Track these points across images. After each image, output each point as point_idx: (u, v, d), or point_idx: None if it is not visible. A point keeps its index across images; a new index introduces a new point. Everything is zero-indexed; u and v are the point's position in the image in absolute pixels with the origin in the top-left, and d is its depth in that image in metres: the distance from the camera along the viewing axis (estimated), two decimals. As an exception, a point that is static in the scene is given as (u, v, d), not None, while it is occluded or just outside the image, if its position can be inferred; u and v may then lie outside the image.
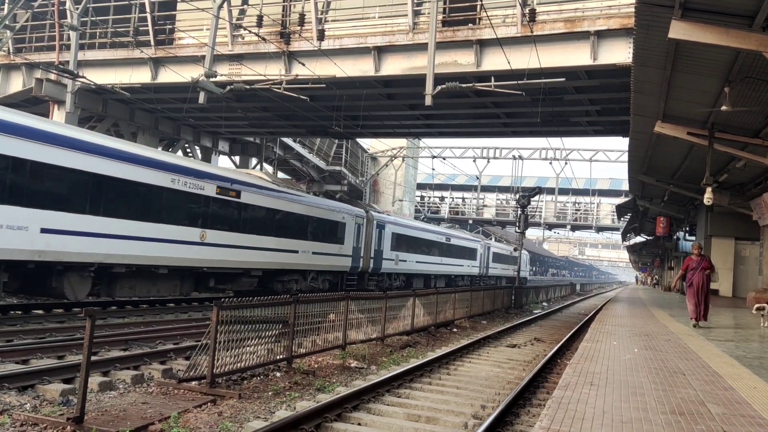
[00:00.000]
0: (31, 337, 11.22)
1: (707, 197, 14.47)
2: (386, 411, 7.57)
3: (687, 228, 31.48)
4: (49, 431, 6.17)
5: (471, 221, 57.17)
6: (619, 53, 16.33)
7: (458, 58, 18.32)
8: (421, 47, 17.92)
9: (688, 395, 5.97)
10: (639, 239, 51.99)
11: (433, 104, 15.95)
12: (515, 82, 15.72)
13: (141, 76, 22.32)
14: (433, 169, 47.97)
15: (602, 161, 49.72)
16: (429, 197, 60.95)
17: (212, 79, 17.55)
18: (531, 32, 16.63)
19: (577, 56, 16.98)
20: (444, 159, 45.16)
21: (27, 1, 22.87)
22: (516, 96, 16.76)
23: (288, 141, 35.55)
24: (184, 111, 25.25)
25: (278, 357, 9.44)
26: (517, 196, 33.18)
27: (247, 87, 18.12)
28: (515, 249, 43.41)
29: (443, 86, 15.76)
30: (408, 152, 45.96)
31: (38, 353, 9.59)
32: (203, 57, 18.76)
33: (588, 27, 16.56)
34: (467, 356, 12.41)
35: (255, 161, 35.22)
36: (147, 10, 22.03)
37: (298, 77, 18.30)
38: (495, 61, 17.69)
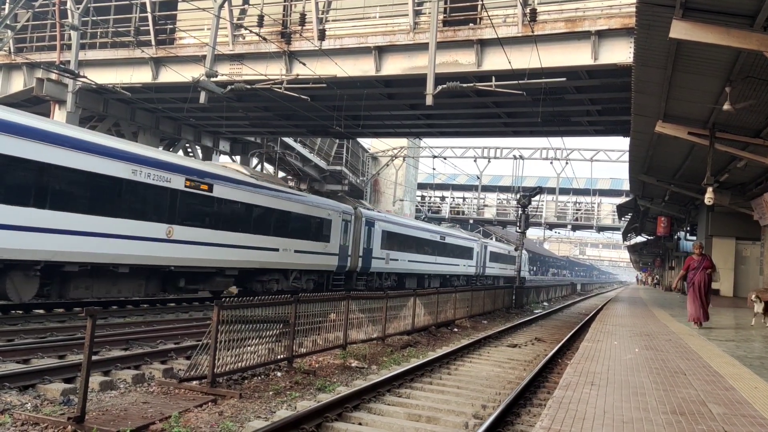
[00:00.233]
0: (32, 337, 11.24)
1: (708, 197, 14.46)
2: (387, 411, 7.57)
3: (688, 228, 31.46)
4: (50, 431, 6.17)
5: (472, 221, 57.17)
6: (620, 53, 16.32)
7: (459, 58, 18.31)
8: (422, 47, 17.93)
9: (689, 395, 5.97)
10: (640, 239, 51.98)
11: (434, 104, 15.96)
12: (516, 82, 15.72)
13: (142, 76, 22.33)
14: (434, 169, 47.92)
15: (603, 161, 49.77)
16: (430, 197, 60.94)
17: (213, 79, 17.56)
18: (532, 32, 16.62)
19: (578, 56, 16.97)
20: (445, 159, 45.17)
21: (28, 1, 22.88)
22: (517, 96, 16.75)
23: (289, 141, 35.56)
24: (185, 111, 25.25)
25: (279, 357, 9.44)
26: (518, 196, 33.06)
27: (248, 87, 18.13)
28: (516, 248, 43.40)
29: (444, 86, 15.76)
30: (409, 152, 45.96)
31: (39, 353, 9.60)
32: (204, 57, 18.77)
33: (589, 27, 16.56)
34: (468, 356, 12.41)
35: (256, 161, 35.23)
36: (148, 10, 22.03)
37: (299, 77, 18.30)
38: (496, 61, 17.68)
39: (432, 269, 35.79)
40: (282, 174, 37.71)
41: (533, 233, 79.15)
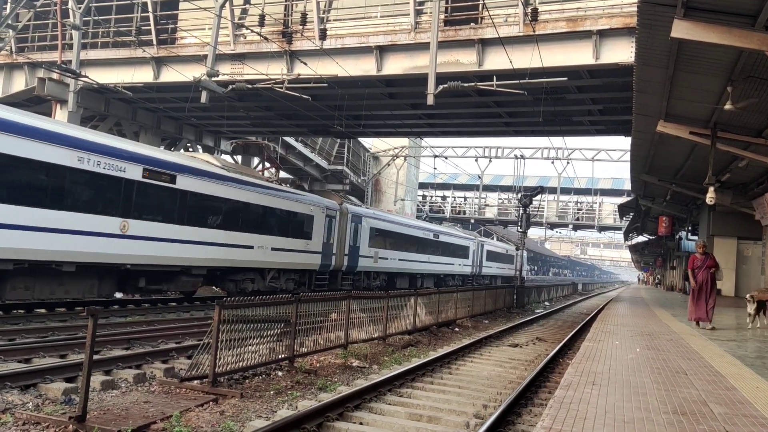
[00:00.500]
0: (34, 336, 11.24)
1: (710, 197, 14.44)
2: (388, 410, 7.57)
3: (689, 228, 31.43)
4: (52, 430, 6.18)
5: (473, 221, 57.15)
6: (622, 52, 16.31)
7: (460, 58, 18.31)
8: (423, 46, 17.93)
9: (691, 395, 5.96)
10: (641, 239, 51.96)
11: (435, 103, 15.98)
12: (517, 82, 15.71)
13: (143, 76, 22.36)
14: (435, 169, 47.85)
15: (604, 161, 49.74)
16: (431, 197, 60.92)
17: (214, 79, 17.59)
18: (533, 31, 16.62)
19: (580, 55, 16.96)
20: (446, 158, 45.26)
21: (29, 1, 22.92)
22: (518, 95, 16.75)
23: (290, 140, 35.57)
24: (187, 110, 25.27)
25: (280, 356, 9.45)
26: (519, 196, 33.00)
27: (249, 86, 18.16)
28: (517, 248, 43.27)
29: (445, 85, 15.77)
30: (410, 151, 45.95)
31: (40, 352, 9.61)
32: (205, 56, 18.79)
33: (590, 26, 16.55)
34: (469, 356, 12.40)
35: (257, 160, 35.24)
36: (149, 10, 22.06)
37: (300, 77, 18.31)
38: (497, 61, 17.68)
39: (425, 268, 34.53)
40: (284, 174, 37.73)
41: (534, 233, 79.14)
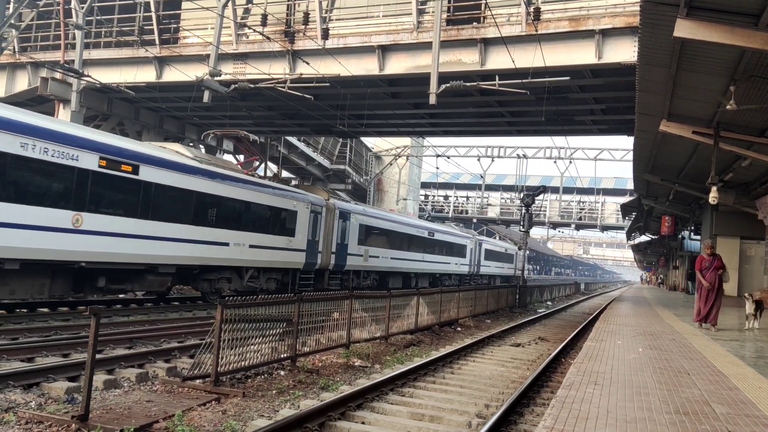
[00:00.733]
0: (37, 336, 11.27)
1: (712, 196, 14.41)
2: (390, 410, 7.57)
3: (692, 227, 31.40)
4: (54, 429, 6.19)
5: (475, 220, 57.15)
6: (624, 52, 16.30)
7: (463, 57, 18.31)
8: (426, 46, 17.93)
9: (693, 395, 5.96)
10: (644, 238, 51.88)
11: (438, 103, 15.96)
12: (520, 81, 15.70)
13: (146, 75, 22.40)
14: (438, 168, 47.82)
15: (607, 160, 49.66)
16: (433, 196, 60.93)
17: (217, 78, 17.61)
18: (535, 31, 16.61)
19: (582, 55, 16.95)
20: (448, 158, 45.14)
21: (32, 0, 22.96)
22: (520, 95, 16.73)
23: (292, 140, 35.60)
24: (189, 110, 25.30)
25: (282, 356, 9.46)
26: (522, 195, 32.93)
27: (252, 86, 18.17)
28: (520, 248, 43.15)
29: (447, 85, 15.76)
30: (412, 151, 45.96)
31: (43, 351, 9.63)
32: (208, 56, 18.81)
33: (593, 26, 16.54)
34: (471, 355, 12.40)
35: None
36: (152, 9, 22.10)
37: (303, 76, 18.33)
38: (499, 60, 17.68)
39: (419, 267, 33.20)
40: (286, 173, 37.77)
41: (537, 232, 79.05)
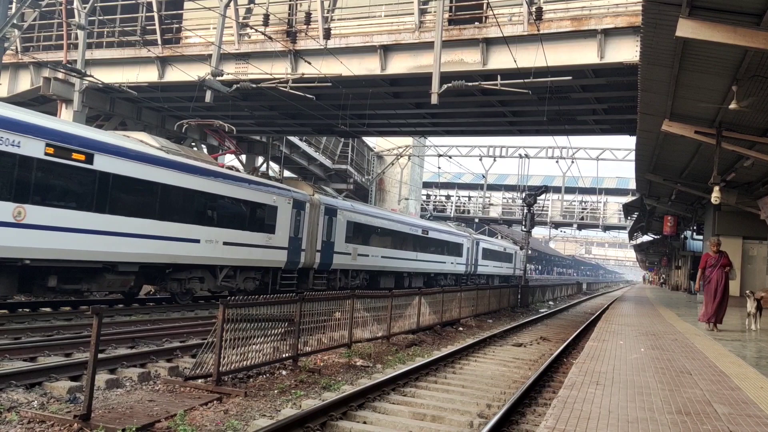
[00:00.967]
0: (39, 335, 11.29)
1: (715, 196, 14.37)
2: (392, 409, 7.57)
3: (694, 227, 31.32)
4: (57, 428, 6.20)
5: (477, 220, 57.15)
6: (626, 51, 16.28)
7: (464, 57, 18.30)
8: (428, 46, 17.93)
9: (695, 395, 5.95)
10: (646, 238, 51.81)
11: (440, 103, 15.98)
12: (522, 81, 15.69)
13: (148, 75, 22.42)
14: (439, 168, 47.79)
15: (609, 160, 49.61)
16: (435, 196, 60.93)
17: (219, 78, 17.63)
18: (537, 30, 16.60)
19: (584, 54, 16.93)
20: (450, 157, 45.15)
21: (35, 0, 23.00)
22: (522, 94, 16.73)
23: (294, 140, 35.62)
24: (191, 110, 25.33)
25: (284, 355, 9.46)
26: (524, 195, 32.90)
27: (254, 86, 18.20)
28: (522, 248, 43.08)
29: (449, 85, 15.76)
30: (414, 151, 45.95)
31: (46, 351, 9.65)
32: (210, 56, 18.83)
33: (595, 25, 16.52)
34: (473, 355, 12.40)
35: (261, 159, 35.31)
36: (154, 9, 22.13)
37: (305, 76, 18.34)
38: (501, 60, 17.66)
39: (413, 267, 32.11)
40: (288, 173, 37.79)
41: (539, 232, 79.08)
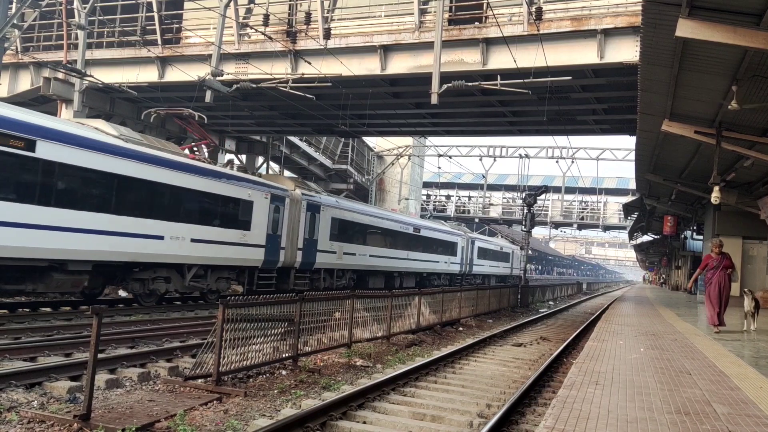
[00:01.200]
0: (39, 335, 11.30)
1: (715, 196, 14.37)
2: (391, 409, 7.58)
3: (694, 227, 31.33)
4: (57, 428, 6.20)
5: (477, 220, 57.16)
6: (626, 51, 16.28)
7: (464, 57, 18.30)
8: (428, 46, 17.93)
9: (694, 395, 5.95)
10: (646, 238, 51.82)
11: (440, 103, 15.98)
12: (521, 81, 15.69)
13: (148, 75, 22.42)
14: (439, 168, 47.79)
15: (609, 160, 49.60)
16: (435, 196, 60.95)
17: (219, 78, 17.63)
18: (537, 31, 16.60)
19: (584, 54, 16.93)
20: (450, 157, 45.17)
21: (35, 1, 23.01)
22: (522, 94, 16.73)
23: (294, 140, 35.62)
24: (191, 110, 25.31)
25: (284, 355, 9.47)
26: (524, 195, 32.89)
27: (254, 86, 18.20)
28: (522, 248, 43.03)
29: (449, 85, 15.76)
30: (414, 151, 45.96)
31: (46, 351, 9.65)
32: (210, 56, 18.83)
33: (595, 25, 16.52)
34: (473, 355, 12.41)
35: (261, 159, 35.33)
36: (154, 9, 22.13)
37: (305, 76, 18.34)
38: (501, 60, 17.67)
39: (404, 266, 31.08)
40: (288, 173, 37.80)
41: (539, 232, 79.08)
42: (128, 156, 15.06)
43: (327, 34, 19.51)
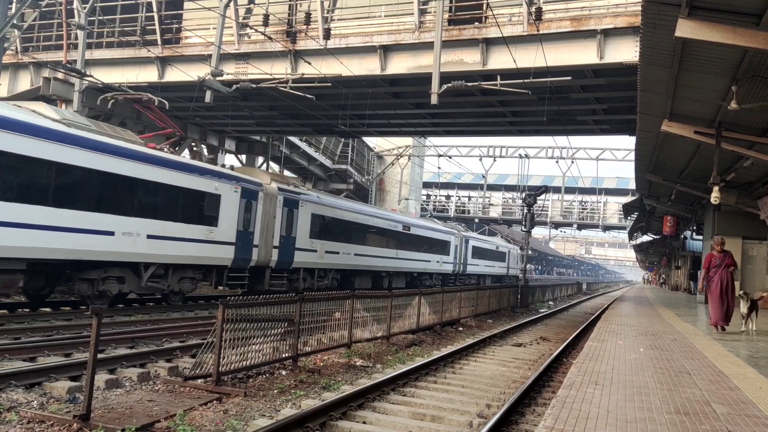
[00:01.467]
0: (39, 335, 11.30)
1: (714, 196, 14.37)
2: (391, 409, 7.58)
3: (694, 227, 31.33)
4: (56, 428, 6.21)
5: (477, 220, 57.17)
6: (626, 52, 16.28)
7: (464, 57, 18.30)
8: (427, 46, 17.94)
9: (694, 395, 5.96)
10: (646, 238, 51.83)
11: (439, 103, 15.98)
12: (521, 81, 15.70)
13: (148, 75, 22.43)
14: (439, 168, 47.76)
15: (609, 160, 49.61)
16: (435, 196, 60.96)
17: (219, 78, 17.63)
18: (537, 31, 16.60)
19: (584, 55, 16.94)
20: (450, 158, 45.17)
21: (35, 1, 23.01)
22: (522, 95, 16.74)
23: (294, 140, 35.63)
24: (191, 110, 25.32)
25: (284, 355, 9.47)
26: (524, 195, 32.87)
27: (254, 86, 18.19)
28: (522, 248, 42.99)
29: (449, 85, 15.77)
30: (414, 151, 45.97)
31: (45, 351, 9.66)
32: (210, 56, 18.82)
33: (594, 25, 16.53)
34: (473, 355, 12.41)
35: (261, 159, 35.34)
36: (154, 9, 22.14)
37: (304, 76, 18.34)
38: (501, 60, 17.67)
39: (392, 265, 29.84)
40: (288, 173, 37.80)
41: (539, 232, 79.08)
42: (71, 142, 13.51)
43: (327, 34, 19.51)
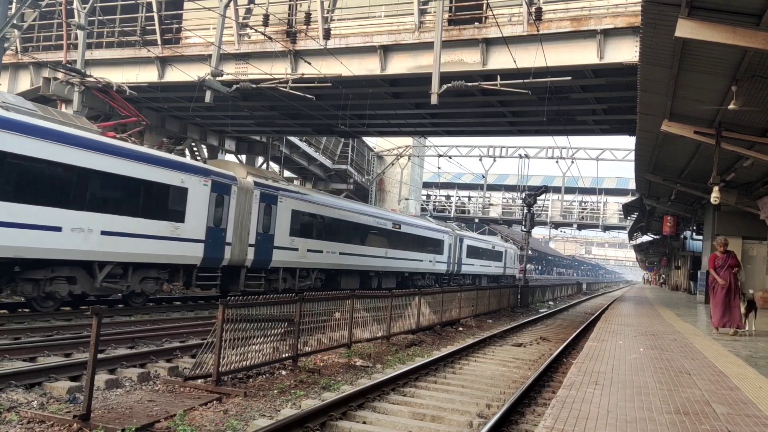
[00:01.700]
0: (39, 335, 11.31)
1: (714, 196, 14.37)
2: (391, 410, 7.58)
3: (694, 227, 31.34)
4: (56, 428, 6.21)
5: (477, 220, 57.18)
6: (626, 52, 16.29)
7: (464, 57, 18.30)
8: (427, 46, 17.94)
9: (693, 395, 5.96)
10: (646, 238, 51.84)
11: (439, 103, 15.98)
12: (521, 81, 15.71)
13: (148, 75, 22.43)
14: (439, 168, 47.73)
15: (609, 160, 49.59)
16: (435, 196, 60.96)
17: (219, 78, 17.63)
18: (537, 31, 16.60)
19: (584, 55, 16.94)
20: (450, 158, 45.17)
21: (35, 1, 23.00)
22: (522, 95, 16.74)
23: (294, 140, 35.64)
24: (191, 110, 25.33)
25: (284, 355, 9.47)
26: (524, 195, 32.86)
27: (254, 86, 18.20)
28: (522, 248, 42.98)
29: (449, 85, 15.78)
30: (414, 151, 45.97)
31: (45, 351, 9.66)
32: (210, 56, 18.82)
33: (594, 25, 16.53)
34: (473, 355, 12.41)
35: (261, 159, 35.34)
36: (154, 9, 22.14)
37: (304, 76, 18.34)
38: (501, 60, 17.67)
39: (382, 265, 28.65)
40: (288, 173, 37.80)
41: (539, 232, 79.09)
42: (9, 128, 12.35)
43: (327, 35, 19.51)
